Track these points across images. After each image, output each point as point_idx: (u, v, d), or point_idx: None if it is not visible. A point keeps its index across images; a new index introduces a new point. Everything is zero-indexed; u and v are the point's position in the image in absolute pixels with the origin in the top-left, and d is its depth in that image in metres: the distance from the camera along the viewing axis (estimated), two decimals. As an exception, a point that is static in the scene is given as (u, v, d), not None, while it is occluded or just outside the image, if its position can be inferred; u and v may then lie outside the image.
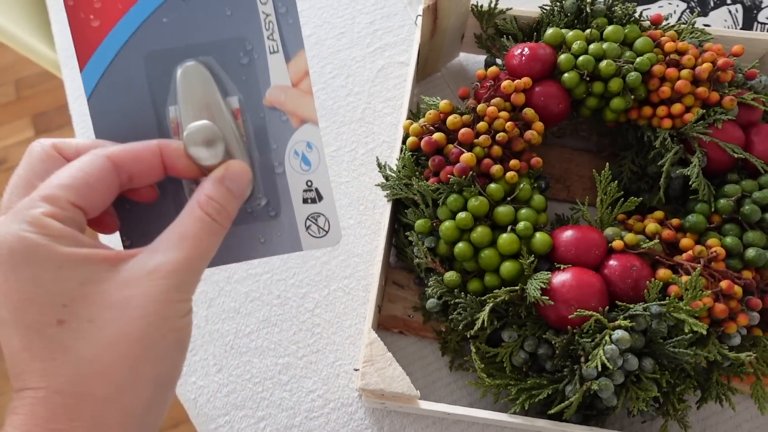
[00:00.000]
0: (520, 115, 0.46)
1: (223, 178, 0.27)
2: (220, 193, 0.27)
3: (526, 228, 0.42)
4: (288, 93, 0.30)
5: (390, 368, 0.39)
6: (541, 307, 0.41)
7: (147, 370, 0.24)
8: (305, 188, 0.30)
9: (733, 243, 0.41)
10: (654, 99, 0.46)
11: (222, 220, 0.27)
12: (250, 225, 0.30)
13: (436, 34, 0.54)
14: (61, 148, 0.26)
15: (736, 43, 0.50)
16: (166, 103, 0.29)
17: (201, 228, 0.26)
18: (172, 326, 0.24)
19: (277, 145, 0.30)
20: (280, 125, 0.30)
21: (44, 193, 0.24)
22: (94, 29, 0.28)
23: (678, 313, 0.37)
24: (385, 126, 0.58)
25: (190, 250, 0.25)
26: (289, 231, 0.30)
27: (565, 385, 0.40)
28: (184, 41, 0.29)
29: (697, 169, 0.44)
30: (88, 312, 0.23)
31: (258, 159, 0.30)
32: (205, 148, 0.27)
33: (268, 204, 0.30)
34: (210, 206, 0.26)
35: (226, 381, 0.49)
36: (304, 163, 0.30)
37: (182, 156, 0.27)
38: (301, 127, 0.30)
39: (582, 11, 0.50)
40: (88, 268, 0.24)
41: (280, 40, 0.29)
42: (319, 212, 0.31)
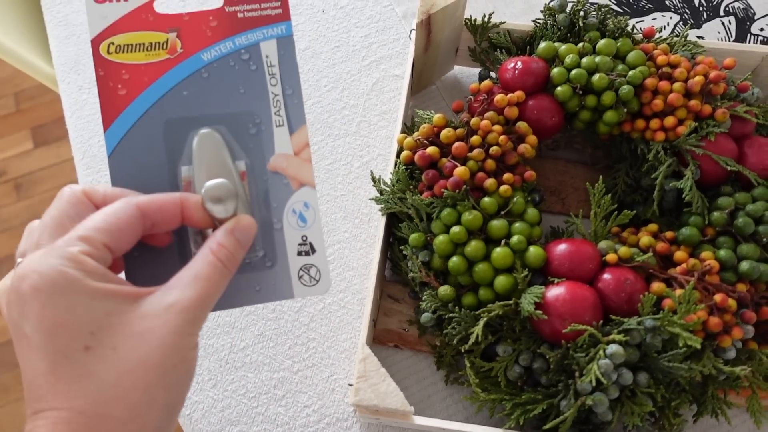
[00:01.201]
0: (514, 129, 0.47)
1: (234, 230, 0.30)
2: (230, 243, 0.29)
3: (519, 242, 0.42)
4: (290, 160, 0.33)
5: (384, 384, 0.39)
6: (535, 322, 0.41)
7: (160, 395, 0.26)
8: (300, 242, 0.33)
9: (727, 256, 0.41)
10: (647, 112, 0.47)
11: (230, 266, 0.29)
12: (247, 274, 0.33)
13: (430, 48, 0.54)
14: (91, 194, 0.29)
15: (729, 55, 0.50)
16: (179, 163, 0.32)
17: (213, 271, 0.28)
18: (184, 357, 0.27)
19: (277, 204, 0.33)
20: (281, 187, 0.33)
21: (81, 234, 0.27)
22: (121, 96, 0.32)
23: (672, 327, 0.37)
24: (380, 139, 0.58)
25: (202, 290, 0.28)
26: (283, 280, 0.33)
27: (560, 400, 0.40)
28: (200, 112, 0.32)
29: (691, 181, 0.44)
30: (112, 340, 0.26)
31: (259, 216, 0.33)
32: (221, 204, 0.30)
33: (265, 255, 0.33)
34: (222, 253, 0.29)
35: (221, 396, 0.48)
36: (301, 220, 0.33)
37: (200, 209, 0.30)
38: (299, 189, 0.33)
39: (575, 25, 0.50)
40: (114, 300, 0.26)
41: (286, 116, 0.33)
42: (312, 263, 0.33)
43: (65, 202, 0.29)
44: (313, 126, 0.59)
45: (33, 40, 0.84)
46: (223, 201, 0.30)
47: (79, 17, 0.66)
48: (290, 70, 0.33)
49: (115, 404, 0.25)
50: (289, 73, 0.33)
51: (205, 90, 0.33)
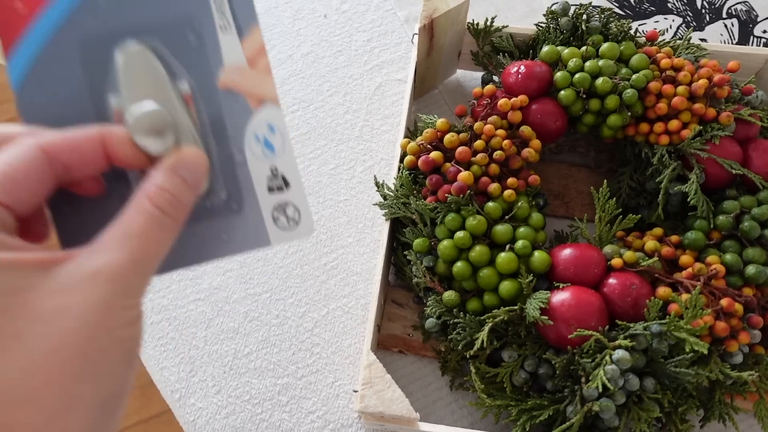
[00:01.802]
0: (518, 133, 0.46)
1: (176, 167, 0.24)
2: (172, 184, 0.24)
3: (524, 246, 0.42)
4: (244, 73, 0.27)
5: (389, 390, 0.39)
6: (540, 327, 0.41)
7: (86, 391, 0.21)
8: (270, 176, 0.28)
9: (732, 260, 0.41)
10: (651, 115, 0.46)
11: (175, 214, 0.24)
12: (210, 222, 0.27)
13: (432, 52, 0.54)
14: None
15: (732, 57, 0.50)
16: (106, 91, 0.26)
17: (150, 224, 0.23)
18: (116, 338, 0.21)
19: (235, 131, 0.27)
20: (237, 109, 0.27)
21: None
22: (19, 14, 0.25)
23: (679, 332, 0.37)
24: (383, 143, 0.58)
25: (136, 250, 0.22)
26: (255, 225, 0.28)
27: (566, 406, 0.39)
28: (123, 22, 0.26)
29: (696, 185, 0.44)
30: (13, 326, 0.20)
31: (215, 148, 0.27)
32: (154, 136, 0.24)
33: (229, 197, 0.27)
34: (161, 198, 0.23)
35: (225, 402, 0.48)
36: (267, 148, 0.27)
37: (128, 144, 0.24)
38: (260, 108, 0.27)
39: (577, 28, 0.50)
40: (14, 274, 0.20)
41: (231, 16, 0.27)
42: (287, 201, 0.28)
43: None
44: (315, 131, 0.59)
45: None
46: (157, 132, 0.24)
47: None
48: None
49: (24, 409, 0.20)
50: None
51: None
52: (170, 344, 0.50)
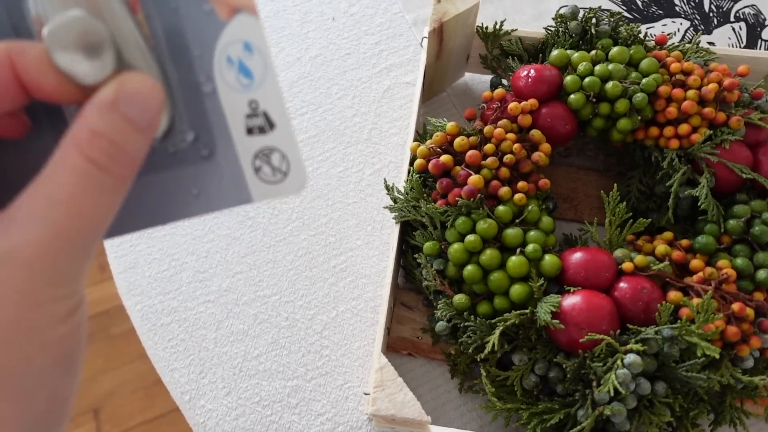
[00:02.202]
0: (527, 137, 0.47)
1: (116, 101, 0.17)
2: (111, 125, 0.17)
3: (535, 250, 0.42)
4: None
5: (401, 393, 0.39)
6: (551, 331, 0.41)
7: (7, 411, 0.16)
8: (248, 112, 0.21)
9: (743, 264, 0.41)
10: (660, 119, 0.46)
11: (118, 168, 0.18)
12: (174, 171, 0.21)
13: (441, 56, 0.54)
14: None
15: (741, 61, 0.50)
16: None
17: (82, 183, 0.17)
18: (45, 340, 0.16)
19: (200, 51, 0.21)
20: (201, 19, 0.20)
21: None
22: None
23: (690, 337, 0.37)
24: (392, 146, 0.58)
25: (65, 220, 0.16)
26: (232, 175, 0.22)
27: (577, 410, 0.39)
28: None
29: (706, 189, 0.44)
30: None
31: (174, 73, 0.21)
32: (83, 55, 0.18)
33: (197, 139, 0.21)
34: (95, 147, 0.17)
35: (234, 404, 0.48)
36: (243, 74, 0.21)
37: (47, 67, 0.17)
38: (232, 19, 0.20)
39: (587, 32, 0.50)
40: None
41: None
42: (272, 146, 0.22)
43: None
44: (324, 133, 0.59)
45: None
46: (88, 50, 0.18)
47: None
48: None
49: None
50: None
51: None
52: (180, 346, 0.50)
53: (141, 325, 0.51)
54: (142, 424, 1.10)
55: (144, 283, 0.53)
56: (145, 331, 0.51)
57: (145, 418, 1.10)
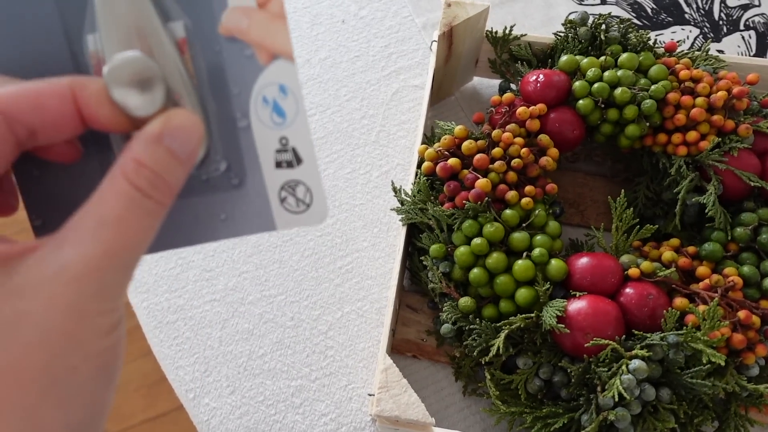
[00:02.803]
0: (535, 141, 0.47)
1: (162, 135, 0.19)
2: (155, 158, 0.19)
3: (541, 254, 0.42)
4: (252, 17, 0.22)
5: (405, 395, 0.39)
6: (556, 335, 0.41)
7: (51, 417, 0.17)
8: (279, 148, 0.23)
9: (750, 272, 0.41)
10: (669, 126, 0.47)
11: (159, 196, 0.19)
12: (205, 197, 0.23)
13: (450, 60, 0.55)
14: None
15: (750, 70, 0.50)
16: (83, 31, 0.21)
17: (128, 208, 0.19)
18: (89, 351, 0.18)
19: (239, 90, 0.23)
20: (242, 62, 0.22)
21: None
22: None
23: (696, 343, 0.37)
24: (399, 149, 0.59)
25: (112, 240, 0.18)
26: (258, 204, 0.24)
27: (581, 414, 0.39)
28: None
29: (713, 197, 0.44)
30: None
31: (214, 108, 0.23)
32: (137, 91, 0.20)
33: (229, 169, 0.23)
34: (141, 176, 0.19)
35: (239, 403, 0.49)
36: (277, 113, 0.23)
37: (105, 101, 0.20)
38: (271, 64, 0.22)
39: (596, 38, 0.50)
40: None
41: None
42: (298, 179, 0.24)
43: None
44: (332, 135, 0.60)
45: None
46: (141, 87, 0.20)
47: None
48: None
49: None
50: None
51: None
52: (185, 344, 0.51)
53: (147, 322, 0.52)
54: (143, 422, 1.10)
55: (150, 280, 0.53)
56: (150, 328, 0.51)
57: (147, 416, 1.11)
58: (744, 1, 0.66)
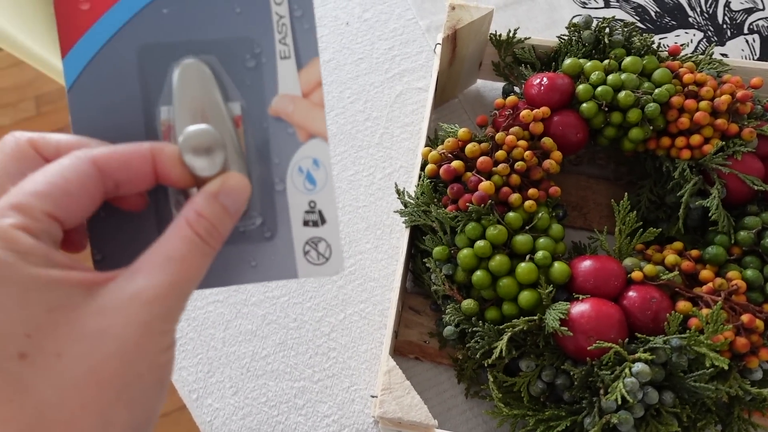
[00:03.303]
0: (539, 144, 0.47)
1: (219, 194, 0.24)
2: (213, 211, 0.24)
3: (544, 257, 0.42)
4: (297, 103, 0.27)
5: (408, 396, 0.39)
6: (559, 338, 0.41)
7: (120, 416, 0.20)
8: (307, 209, 0.27)
9: (754, 276, 0.41)
10: (673, 130, 0.47)
11: (213, 242, 0.24)
12: (240, 246, 0.27)
13: (454, 62, 0.55)
14: (39, 145, 0.23)
15: (754, 74, 0.50)
16: (158, 103, 0.26)
17: (189, 249, 0.23)
18: (153, 363, 0.21)
19: (279, 160, 0.27)
20: (285, 138, 0.27)
21: (15, 200, 0.20)
22: (83, 12, 0.25)
23: (699, 347, 0.37)
24: (403, 151, 0.59)
25: (176, 274, 0.22)
26: (285, 255, 0.27)
27: (584, 417, 0.39)
28: (184, 36, 0.26)
29: (717, 200, 0.44)
30: (55, 344, 0.20)
31: (257, 173, 0.27)
32: (204, 157, 0.24)
33: (263, 224, 0.27)
34: (200, 225, 0.23)
35: (241, 404, 0.49)
36: (309, 181, 0.27)
37: (177, 164, 0.24)
38: (308, 141, 0.27)
39: (600, 41, 0.51)
40: (59, 292, 0.20)
41: (293, 45, 0.27)
42: (321, 237, 0.28)
43: (7, 155, 0.22)
44: (335, 137, 0.60)
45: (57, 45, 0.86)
46: (207, 153, 0.24)
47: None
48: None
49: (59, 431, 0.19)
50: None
51: (190, 7, 0.26)
52: (189, 344, 0.51)
53: (151, 322, 0.52)
54: (146, 422, 1.10)
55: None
56: (154, 328, 0.52)
57: (150, 416, 1.11)
58: (748, 4, 0.66)
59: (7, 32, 0.80)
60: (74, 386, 0.20)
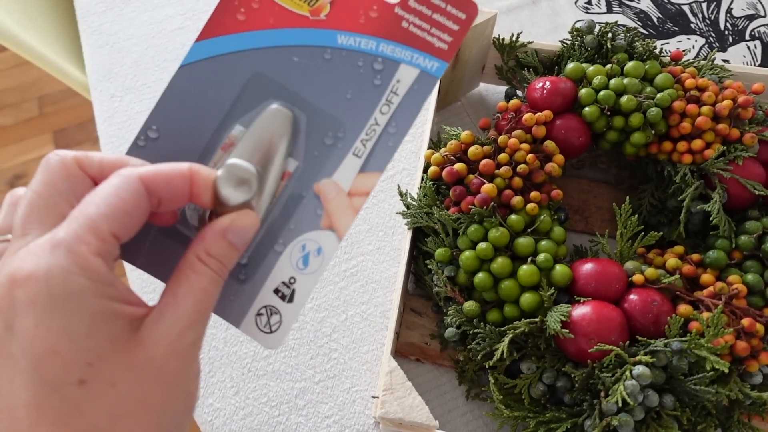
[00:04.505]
0: (541, 148, 0.47)
1: (227, 231, 0.25)
2: (220, 250, 0.25)
3: (546, 260, 0.42)
4: (339, 195, 0.29)
5: (409, 397, 0.39)
6: (560, 340, 0.41)
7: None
8: (285, 282, 0.29)
9: (754, 280, 0.41)
10: (674, 134, 0.47)
11: (223, 273, 0.26)
12: None
13: (457, 66, 0.55)
14: (84, 164, 0.24)
15: (755, 79, 0.51)
16: (237, 119, 0.29)
17: (207, 281, 0.24)
18: (186, 390, 0.23)
19: (295, 227, 0.29)
20: (309, 214, 0.29)
21: (87, 224, 0.22)
22: (237, 20, 0.28)
23: (699, 350, 0.37)
24: (406, 153, 0.59)
25: (199, 304, 0.24)
26: (242, 303, 0.29)
27: (585, 420, 0.40)
28: (295, 87, 0.29)
29: (718, 205, 0.44)
30: (111, 374, 0.21)
31: (269, 224, 0.29)
32: (237, 188, 0.26)
33: (245, 266, 0.29)
34: (211, 263, 0.25)
35: (242, 404, 0.49)
36: (303, 261, 0.29)
37: (210, 187, 0.26)
38: (326, 230, 0.29)
39: (602, 46, 0.51)
40: (118, 323, 0.22)
41: (370, 150, 0.29)
42: (279, 311, 0.29)
43: (55, 174, 0.23)
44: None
45: (67, 47, 0.86)
46: (241, 187, 0.26)
47: (114, 27, 0.68)
48: (410, 109, 0.29)
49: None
50: (407, 112, 0.29)
51: (316, 71, 0.29)
52: (191, 344, 0.51)
53: (153, 322, 0.52)
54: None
55: (156, 281, 0.53)
56: (156, 328, 0.52)
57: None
58: (750, 11, 0.66)
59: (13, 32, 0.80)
60: (123, 413, 0.21)
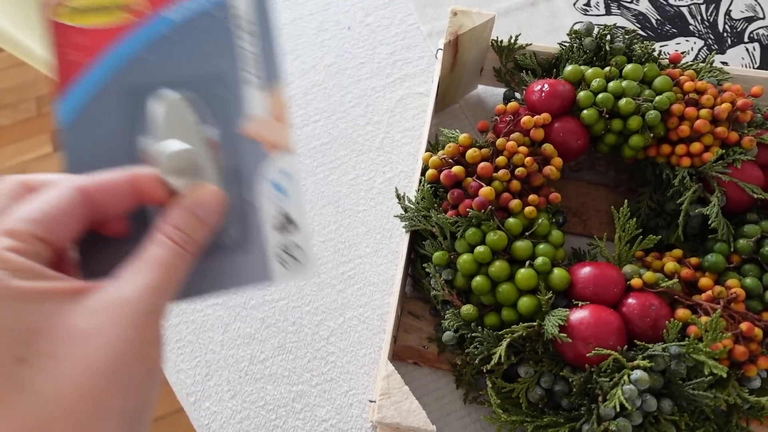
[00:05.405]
0: (539, 150, 0.47)
1: (193, 206, 0.26)
2: (187, 222, 0.26)
3: (544, 263, 0.42)
4: (264, 123, 0.30)
5: (406, 402, 0.39)
6: (558, 344, 0.41)
7: (115, 403, 0.23)
8: (279, 218, 0.30)
9: (753, 284, 0.41)
10: (673, 137, 0.47)
11: (189, 248, 0.26)
12: (217, 258, 0.30)
13: (455, 68, 0.55)
14: (30, 184, 0.26)
15: (754, 82, 0.51)
16: (137, 134, 0.29)
17: (168, 254, 0.25)
18: (141, 354, 0.24)
19: (249, 174, 0.30)
20: (254, 155, 0.30)
21: (6, 227, 0.23)
22: (75, 63, 0.29)
23: (698, 355, 0.37)
24: (404, 155, 0.59)
25: (158, 276, 0.25)
26: (260, 263, 0.30)
27: (582, 424, 0.39)
28: (165, 76, 0.29)
29: (717, 208, 0.44)
30: (49, 347, 0.22)
31: (232, 191, 0.30)
32: (180, 173, 0.27)
33: (238, 235, 0.30)
34: (177, 236, 0.26)
35: (239, 407, 0.49)
36: (278, 191, 0.30)
37: (158, 183, 0.27)
38: (275, 156, 0.30)
39: (601, 49, 0.51)
40: (50, 301, 0.23)
41: (259, 70, 0.30)
42: (294, 242, 0.30)
43: (3, 195, 0.25)
44: (336, 141, 0.60)
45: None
46: (183, 170, 0.27)
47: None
48: (263, 22, 0.30)
49: (59, 421, 0.21)
50: (263, 26, 0.30)
51: (170, 53, 0.30)
52: (187, 347, 0.51)
53: (149, 325, 0.52)
54: (143, 424, 1.10)
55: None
56: (153, 331, 0.51)
57: (147, 418, 1.10)
58: (748, 13, 0.66)
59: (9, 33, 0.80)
60: (69, 380, 0.22)
